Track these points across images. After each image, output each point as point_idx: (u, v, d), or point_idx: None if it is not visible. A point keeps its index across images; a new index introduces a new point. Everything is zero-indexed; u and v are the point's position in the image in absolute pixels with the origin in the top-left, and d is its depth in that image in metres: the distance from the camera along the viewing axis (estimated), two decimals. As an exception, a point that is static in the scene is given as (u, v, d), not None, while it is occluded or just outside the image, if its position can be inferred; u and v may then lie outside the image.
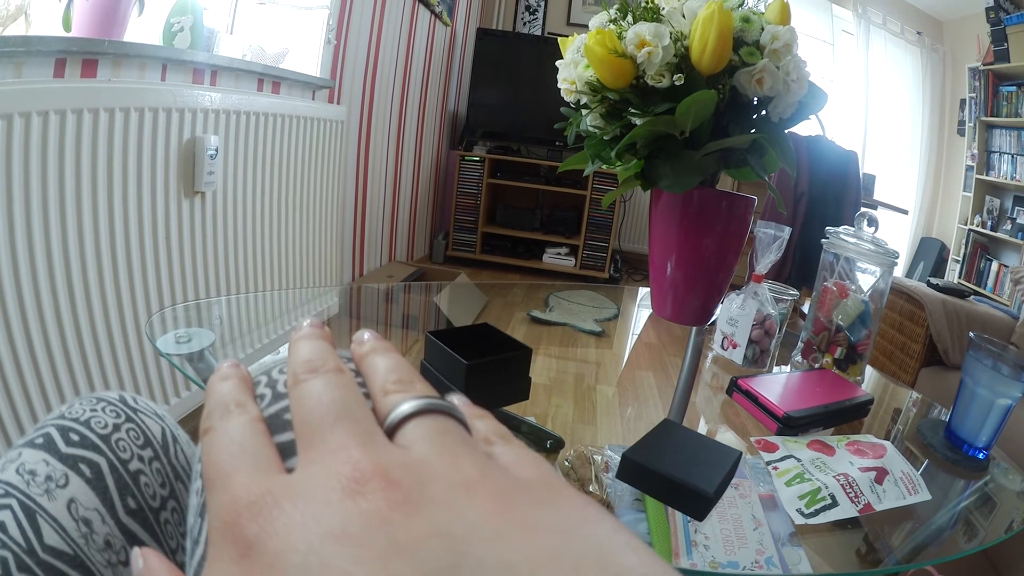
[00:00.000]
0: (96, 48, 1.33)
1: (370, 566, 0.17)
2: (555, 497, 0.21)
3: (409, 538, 0.18)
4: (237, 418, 0.25)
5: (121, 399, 0.48)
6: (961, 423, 1.00)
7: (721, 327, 1.21)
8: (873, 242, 1.16)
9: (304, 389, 0.25)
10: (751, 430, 0.98)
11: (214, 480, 0.22)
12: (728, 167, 0.83)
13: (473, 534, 0.18)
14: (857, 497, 0.79)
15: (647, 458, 0.64)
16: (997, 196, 4.60)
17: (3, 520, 0.37)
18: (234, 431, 0.24)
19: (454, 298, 1.57)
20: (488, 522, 0.19)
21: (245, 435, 0.24)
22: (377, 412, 0.24)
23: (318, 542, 0.18)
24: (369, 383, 0.27)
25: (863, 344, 1.18)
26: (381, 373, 0.27)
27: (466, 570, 0.17)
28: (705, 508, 0.62)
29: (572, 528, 0.19)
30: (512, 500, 0.20)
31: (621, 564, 0.18)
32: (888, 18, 4.90)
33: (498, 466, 0.22)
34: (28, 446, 0.42)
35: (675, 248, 0.86)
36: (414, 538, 0.18)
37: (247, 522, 0.19)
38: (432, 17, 3.68)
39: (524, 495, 0.20)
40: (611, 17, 0.79)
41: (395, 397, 0.25)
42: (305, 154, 2.20)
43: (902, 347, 2.14)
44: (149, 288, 1.53)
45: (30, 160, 1.16)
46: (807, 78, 0.77)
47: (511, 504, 0.20)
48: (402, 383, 0.26)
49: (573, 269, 4.29)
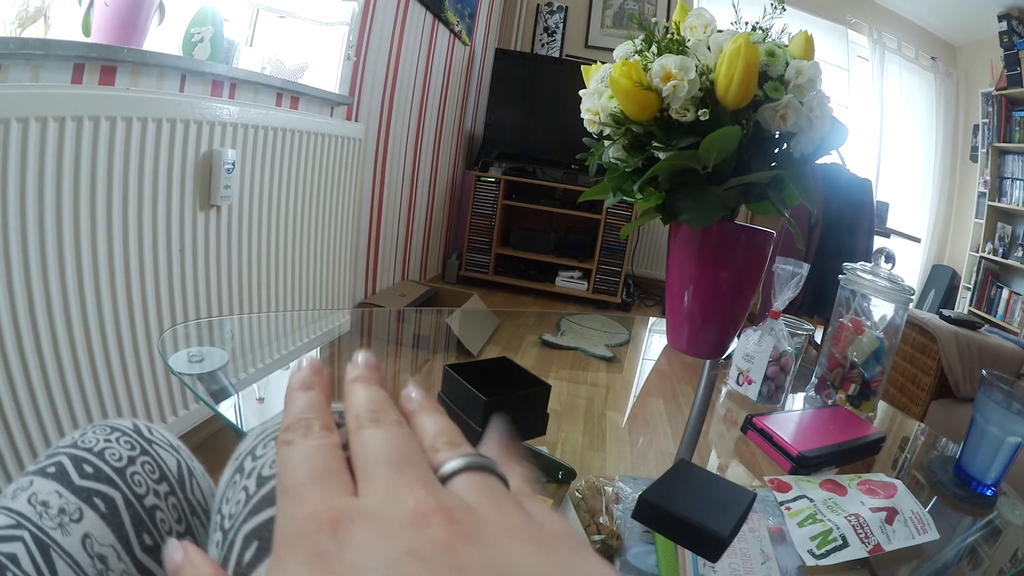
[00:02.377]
0: (115, 55, 1.34)
1: None
2: (584, 550, 0.24)
3: (468, 562, 0.20)
4: (320, 440, 0.27)
5: (136, 429, 0.47)
6: (971, 460, 0.99)
7: (737, 363, 1.20)
8: (889, 279, 1.15)
9: (367, 435, 0.27)
10: (764, 467, 0.97)
11: (289, 491, 0.24)
12: (748, 201, 0.83)
13: (521, 569, 0.21)
14: (867, 538, 0.79)
15: (663, 500, 0.63)
16: (1009, 223, 4.58)
17: (15, 552, 0.37)
18: (316, 451, 0.26)
19: (466, 321, 1.57)
20: (533, 561, 0.22)
21: (329, 459, 0.26)
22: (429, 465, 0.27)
23: (394, 556, 0.20)
24: (420, 439, 0.29)
25: (877, 380, 1.17)
26: (431, 433, 0.29)
27: None
28: (719, 550, 0.61)
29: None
30: (551, 547, 0.23)
31: None
32: (903, 43, 4.91)
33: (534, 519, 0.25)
34: (40, 475, 0.42)
35: (693, 280, 0.86)
36: (473, 563, 0.21)
37: (325, 536, 0.22)
38: (451, 36, 3.70)
39: (559, 544, 0.23)
40: (636, 48, 0.78)
41: (445, 454, 0.27)
42: (322, 171, 2.20)
43: (913, 379, 2.13)
44: (161, 300, 1.53)
45: (45, 166, 1.16)
46: (830, 114, 0.77)
47: (550, 550, 0.22)
48: (451, 444, 0.28)
49: (586, 293, 4.28)
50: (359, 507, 0.23)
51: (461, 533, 0.22)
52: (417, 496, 0.23)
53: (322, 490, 0.24)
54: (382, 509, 0.23)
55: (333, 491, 0.24)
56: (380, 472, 0.25)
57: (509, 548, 0.22)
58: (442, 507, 0.23)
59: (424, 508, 0.22)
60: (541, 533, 0.23)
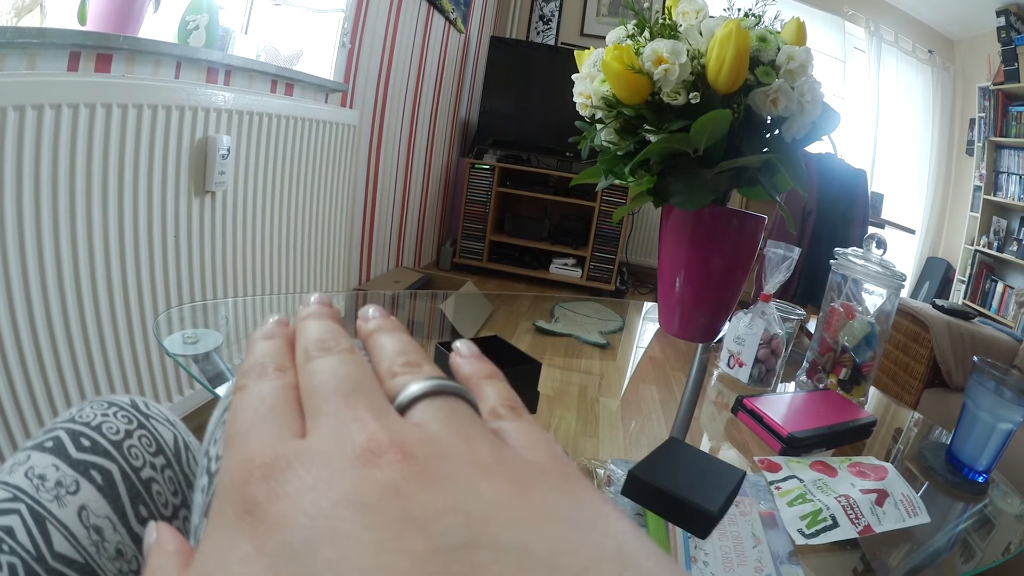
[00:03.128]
0: (111, 43, 1.33)
1: (381, 534, 0.17)
2: (572, 487, 0.20)
3: (424, 512, 0.17)
4: (272, 381, 0.24)
5: (133, 404, 0.47)
6: (962, 446, 1.00)
7: (728, 345, 1.21)
8: (881, 264, 1.16)
9: (316, 365, 0.24)
10: (754, 449, 0.98)
11: (233, 438, 0.22)
12: (740, 186, 0.84)
13: (490, 513, 0.18)
14: (857, 519, 0.79)
15: (652, 476, 0.64)
16: (1004, 217, 4.60)
17: (10, 525, 0.37)
18: (266, 393, 0.24)
19: (460, 306, 1.57)
20: (506, 504, 0.18)
21: (277, 399, 0.23)
22: (386, 393, 0.24)
23: (329, 507, 0.17)
24: (376, 364, 0.26)
25: (868, 365, 1.18)
26: (389, 355, 0.26)
27: (481, 549, 0.16)
28: (709, 526, 0.62)
29: (590, 521, 0.19)
30: (529, 485, 0.19)
31: (639, 564, 0.17)
32: (900, 36, 4.90)
33: (511, 449, 0.22)
34: (37, 449, 0.41)
35: (684, 264, 0.86)
36: (429, 512, 0.17)
37: (258, 482, 0.19)
38: (446, 24, 3.70)
39: (540, 481, 0.20)
40: (628, 33, 0.79)
41: (404, 379, 0.24)
42: (316, 157, 2.21)
43: (906, 368, 2.14)
44: (156, 286, 1.53)
45: (41, 153, 1.16)
46: (821, 99, 0.78)
47: (528, 489, 0.19)
48: (410, 365, 0.25)
49: (580, 280, 4.29)
50: (298, 448, 0.20)
51: (417, 472, 0.19)
52: (368, 430, 0.20)
53: (263, 433, 0.21)
54: (325, 449, 0.20)
55: (275, 433, 0.21)
56: (328, 406, 0.22)
57: (477, 487, 0.19)
58: (395, 441, 0.20)
59: (374, 444, 0.19)
60: (518, 467, 0.20)
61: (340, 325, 0.28)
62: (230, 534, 0.18)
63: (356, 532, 0.17)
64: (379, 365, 0.26)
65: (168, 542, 0.23)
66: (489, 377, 0.27)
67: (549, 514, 0.18)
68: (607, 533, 0.18)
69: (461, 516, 0.17)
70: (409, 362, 0.25)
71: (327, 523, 0.17)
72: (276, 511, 0.18)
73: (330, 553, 0.16)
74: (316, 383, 0.23)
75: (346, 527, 0.17)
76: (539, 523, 0.18)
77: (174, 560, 0.22)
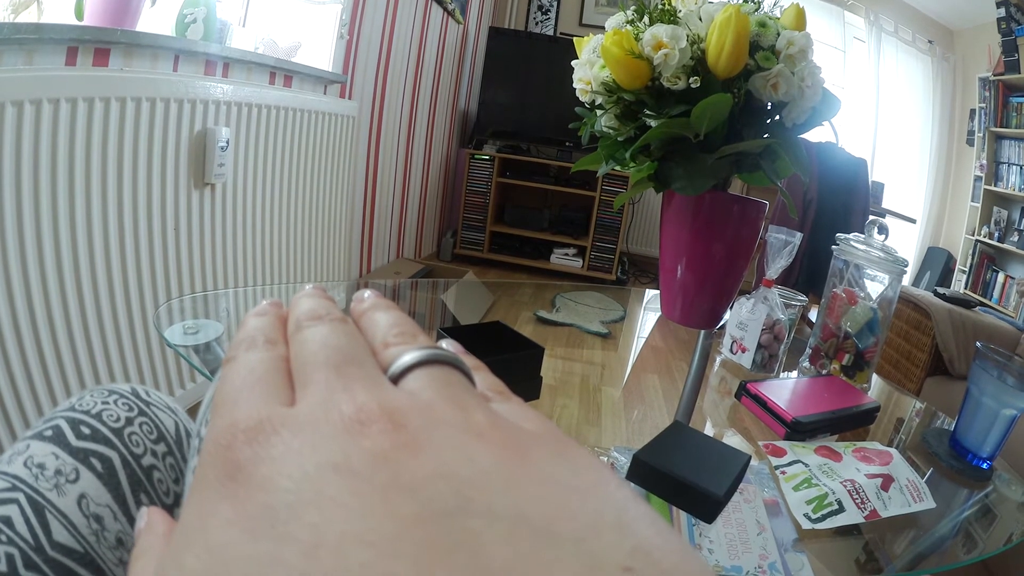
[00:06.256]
0: (108, 37, 1.33)
1: (368, 499, 0.16)
2: (568, 453, 0.19)
3: (413, 477, 0.17)
4: (262, 352, 0.24)
5: (133, 392, 0.47)
6: (966, 432, 1.00)
7: (731, 331, 1.21)
8: (883, 250, 1.15)
9: (307, 334, 0.24)
10: (758, 434, 0.98)
11: (219, 407, 0.21)
12: (741, 171, 0.83)
13: (483, 479, 0.17)
14: (863, 503, 0.79)
15: (657, 459, 0.64)
16: (1005, 207, 4.59)
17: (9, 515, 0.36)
18: (255, 363, 0.23)
19: (461, 296, 1.57)
20: (500, 469, 0.17)
21: (265, 368, 0.23)
22: (379, 364, 0.23)
23: (314, 470, 0.17)
24: (370, 337, 0.25)
25: (870, 351, 1.17)
26: (382, 327, 0.25)
27: (474, 516, 0.16)
28: (714, 511, 0.62)
29: (589, 488, 0.18)
30: (525, 450, 0.19)
31: (639, 532, 0.16)
32: (900, 26, 4.88)
33: (505, 417, 0.21)
34: (36, 438, 0.41)
35: (686, 250, 0.86)
36: (419, 478, 0.17)
37: (241, 446, 0.18)
38: (445, 14, 3.69)
39: (536, 447, 0.19)
40: (628, 18, 0.78)
41: (397, 349, 0.23)
42: (316, 148, 2.20)
43: (908, 356, 2.14)
44: (157, 278, 1.53)
45: (40, 148, 1.16)
46: (821, 84, 0.77)
47: (524, 454, 0.18)
48: (404, 336, 0.25)
49: (580, 270, 4.29)
50: (285, 415, 0.19)
51: (407, 440, 0.18)
52: (357, 400, 0.19)
53: (251, 399, 0.21)
54: (313, 416, 0.19)
55: (263, 400, 0.21)
56: (318, 375, 0.21)
57: (470, 452, 0.18)
58: (385, 411, 0.19)
59: (363, 414, 0.19)
60: (513, 433, 0.20)
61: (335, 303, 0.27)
62: (211, 499, 0.17)
63: (341, 496, 0.16)
64: (373, 338, 0.25)
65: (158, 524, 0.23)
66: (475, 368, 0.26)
67: (546, 479, 0.18)
68: (607, 500, 0.17)
69: (453, 482, 0.17)
70: (403, 332, 0.25)
71: (311, 487, 0.16)
72: (258, 474, 0.17)
73: (313, 517, 0.16)
74: (306, 352, 0.23)
75: (331, 491, 0.16)
76: (535, 489, 0.17)
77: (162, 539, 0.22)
